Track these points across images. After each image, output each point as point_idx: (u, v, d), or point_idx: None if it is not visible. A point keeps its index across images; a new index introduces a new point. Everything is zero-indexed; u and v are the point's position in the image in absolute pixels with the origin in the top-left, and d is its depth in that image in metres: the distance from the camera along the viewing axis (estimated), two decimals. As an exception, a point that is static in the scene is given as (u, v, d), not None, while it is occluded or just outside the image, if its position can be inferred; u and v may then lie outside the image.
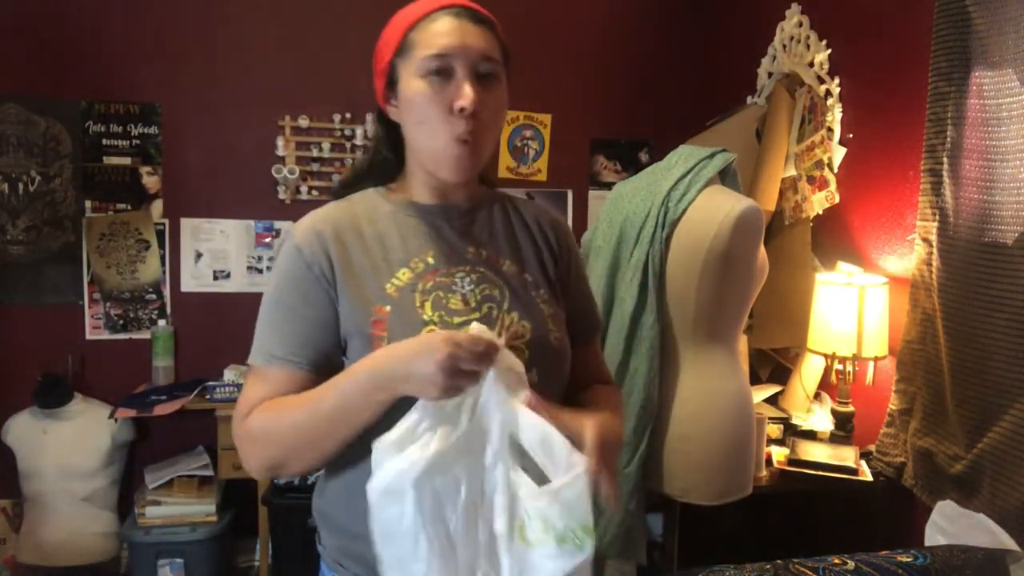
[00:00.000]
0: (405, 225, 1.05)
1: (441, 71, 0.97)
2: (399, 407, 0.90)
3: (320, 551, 1.09)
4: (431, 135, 0.99)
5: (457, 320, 1.00)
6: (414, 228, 1.05)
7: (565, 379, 1.09)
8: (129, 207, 3.02)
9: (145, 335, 3.04)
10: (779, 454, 2.13)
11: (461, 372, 0.84)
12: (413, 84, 0.99)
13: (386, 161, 1.11)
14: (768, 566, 1.29)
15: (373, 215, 1.06)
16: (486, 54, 0.99)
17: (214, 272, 3.12)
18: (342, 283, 1.00)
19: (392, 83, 1.03)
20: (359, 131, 3.15)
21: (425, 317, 0.99)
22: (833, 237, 2.41)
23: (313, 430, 0.93)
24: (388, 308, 0.99)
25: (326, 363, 1.00)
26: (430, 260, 1.03)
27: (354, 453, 0.96)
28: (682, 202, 1.82)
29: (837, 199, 2.38)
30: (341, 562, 1.04)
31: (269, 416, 0.96)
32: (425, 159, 1.03)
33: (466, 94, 0.96)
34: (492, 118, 1.01)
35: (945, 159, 1.87)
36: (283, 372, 0.99)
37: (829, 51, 2.45)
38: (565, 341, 1.08)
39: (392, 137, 1.09)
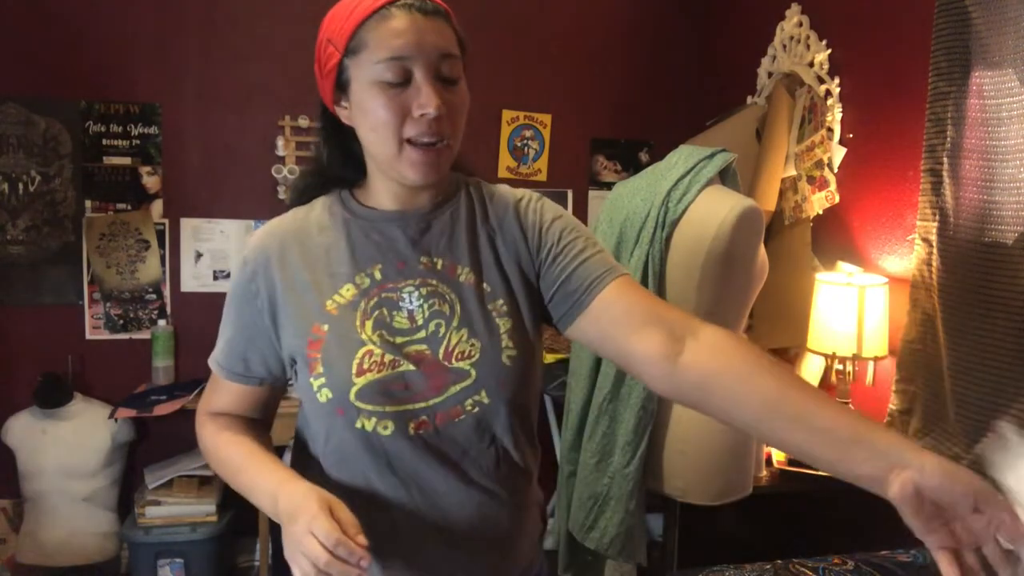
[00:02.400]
0: (355, 236, 1.00)
1: (398, 74, 0.90)
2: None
3: None
4: (387, 141, 0.92)
5: (400, 340, 0.96)
6: (365, 239, 1.00)
7: (527, 399, 1.02)
8: (129, 207, 3.02)
9: (145, 335, 3.04)
10: (779, 454, 2.13)
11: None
12: (367, 89, 0.91)
13: (335, 168, 1.05)
14: (768, 566, 1.29)
15: (325, 223, 1.01)
16: (444, 51, 0.92)
17: (214, 272, 3.11)
18: (283, 303, 0.98)
19: (342, 85, 0.95)
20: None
21: (363, 336, 0.95)
22: (833, 237, 2.41)
23: (232, 481, 1.01)
24: (326, 327, 0.95)
25: (267, 377, 1.04)
26: (377, 275, 0.98)
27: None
28: (682, 202, 1.82)
29: (837, 199, 2.38)
30: None
31: (209, 444, 1.05)
32: (384, 166, 0.96)
33: (427, 99, 0.89)
34: (457, 118, 0.95)
35: (945, 159, 1.87)
36: (229, 383, 1.05)
37: (829, 51, 2.45)
38: (521, 359, 0.98)
39: (341, 140, 1.03)
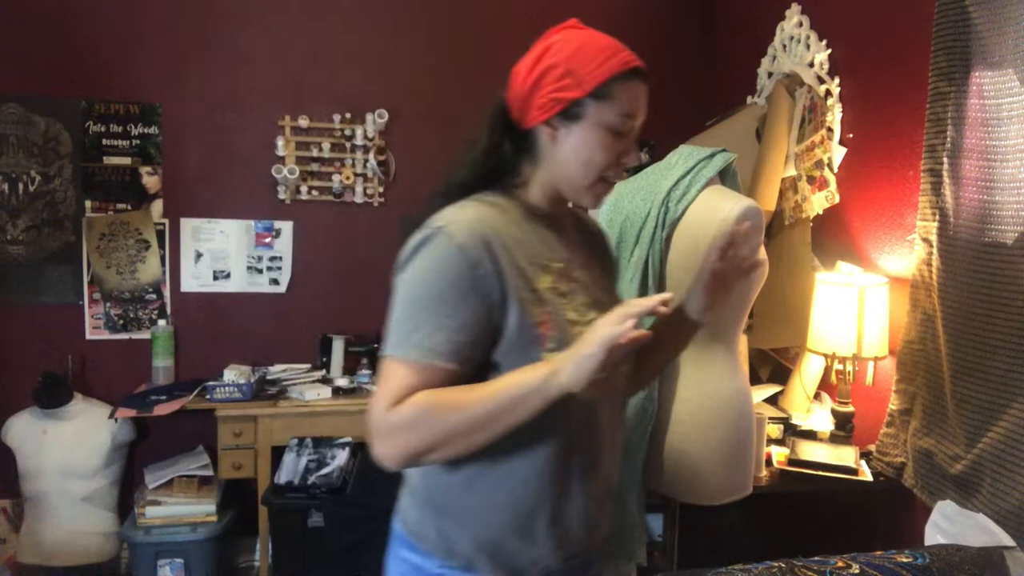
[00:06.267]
0: (536, 230, 1.13)
1: (628, 128, 1.11)
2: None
3: (399, 530, 1.14)
4: (590, 174, 1.10)
5: (584, 318, 1.10)
6: (543, 232, 1.14)
7: None
8: (129, 207, 3.03)
9: (145, 335, 3.04)
10: (779, 454, 2.13)
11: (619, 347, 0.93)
12: (598, 130, 1.09)
13: (507, 166, 1.16)
14: (774, 568, 1.29)
15: (510, 217, 1.11)
16: None
17: (214, 272, 3.12)
18: (508, 284, 1.04)
19: (570, 115, 1.09)
20: (359, 131, 3.15)
21: (570, 317, 1.08)
22: (833, 237, 2.41)
23: (477, 421, 0.98)
24: (549, 308, 1.06)
25: (478, 362, 1.04)
26: (558, 264, 1.12)
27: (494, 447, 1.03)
28: (682, 202, 1.82)
29: (837, 199, 2.38)
30: (468, 555, 1.09)
31: (428, 404, 0.98)
32: (568, 188, 1.13)
33: (634, 154, 1.12)
34: None
35: (945, 159, 1.87)
36: (444, 369, 1.00)
37: (829, 51, 2.45)
38: None
39: (518, 147, 1.15)
